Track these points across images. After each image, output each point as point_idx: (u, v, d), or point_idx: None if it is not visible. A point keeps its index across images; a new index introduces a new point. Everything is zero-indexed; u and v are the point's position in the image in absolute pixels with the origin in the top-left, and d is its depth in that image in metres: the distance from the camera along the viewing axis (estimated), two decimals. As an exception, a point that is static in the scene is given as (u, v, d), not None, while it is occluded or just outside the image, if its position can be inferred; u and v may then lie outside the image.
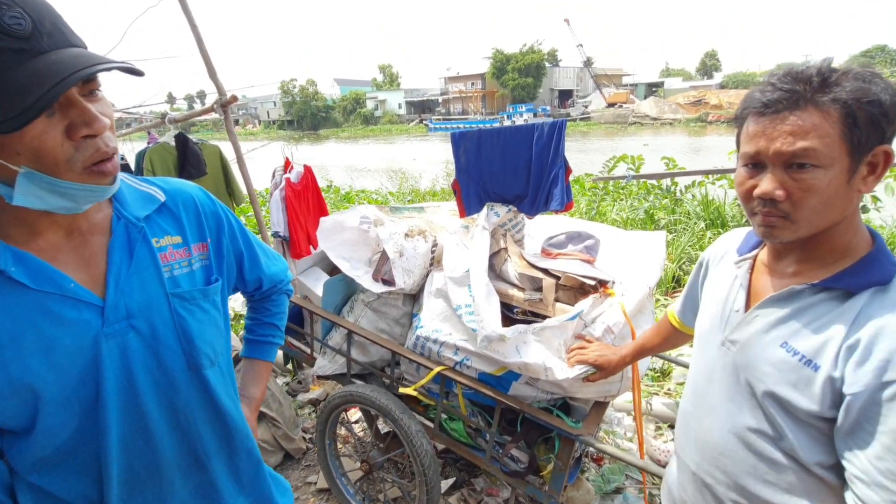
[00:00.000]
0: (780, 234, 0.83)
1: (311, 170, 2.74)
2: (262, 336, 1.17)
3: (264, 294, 1.17)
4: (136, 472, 0.84)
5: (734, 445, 0.91)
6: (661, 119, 43.63)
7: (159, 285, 0.84)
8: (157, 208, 0.88)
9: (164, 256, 0.86)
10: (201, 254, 0.93)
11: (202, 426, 0.91)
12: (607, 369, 1.52)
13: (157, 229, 0.87)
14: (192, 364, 0.87)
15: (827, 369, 0.78)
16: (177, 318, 0.85)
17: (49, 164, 0.65)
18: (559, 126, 1.85)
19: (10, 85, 0.59)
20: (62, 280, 0.75)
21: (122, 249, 0.81)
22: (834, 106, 0.74)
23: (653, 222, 5.89)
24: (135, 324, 0.80)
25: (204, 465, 0.92)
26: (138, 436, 0.83)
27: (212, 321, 0.92)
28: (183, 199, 0.93)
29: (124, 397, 0.80)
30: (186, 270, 0.89)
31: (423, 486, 1.87)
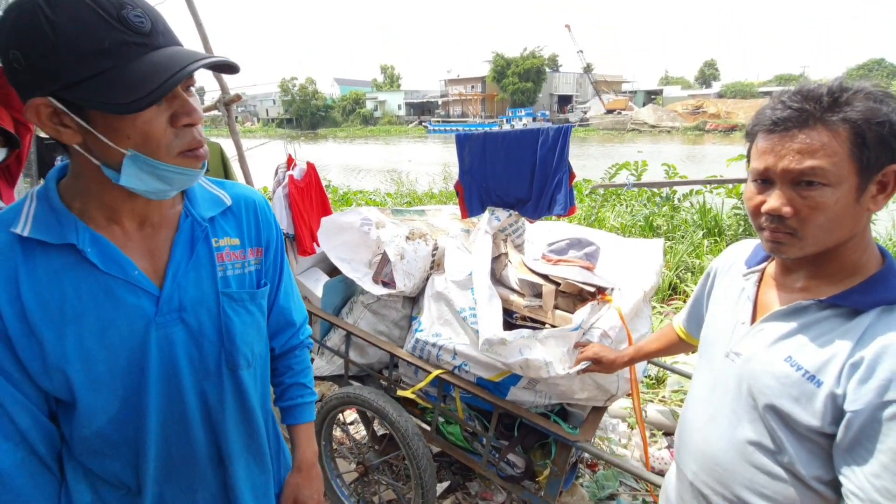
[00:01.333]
0: (787, 250, 0.83)
1: (315, 167, 2.73)
2: (292, 400, 1.12)
3: (286, 348, 1.12)
4: (173, 459, 0.88)
5: (733, 456, 0.91)
6: (659, 126, 43.86)
7: (212, 283, 0.88)
8: (222, 211, 0.93)
9: (221, 256, 0.90)
10: (256, 258, 0.97)
11: (231, 425, 0.93)
12: (604, 363, 1.52)
13: (219, 230, 0.92)
14: (230, 362, 0.90)
15: (830, 385, 0.78)
16: (223, 316, 0.89)
17: (153, 147, 0.71)
18: (564, 131, 1.86)
19: (133, 73, 0.66)
20: (128, 266, 0.79)
21: (184, 245, 0.86)
22: (843, 125, 0.75)
23: (652, 230, 5.91)
24: (184, 317, 0.84)
25: (226, 465, 0.95)
26: (178, 425, 0.87)
27: (255, 324, 0.95)
28: (247, 203, 0.97)
29: (167, 385, 0.84)
30: (239, 272, 0.93)
31: (418, 488, 1.87)
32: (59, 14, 0.62)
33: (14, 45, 0.64)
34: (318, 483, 1.14)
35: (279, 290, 1.06)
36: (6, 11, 0.65)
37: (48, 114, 0.68)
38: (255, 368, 0.96)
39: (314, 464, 1.13)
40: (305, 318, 1.16)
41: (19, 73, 0.66)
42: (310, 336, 1.18)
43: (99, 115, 0.68)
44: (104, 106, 0.66)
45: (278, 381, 1.13)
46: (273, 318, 1.07)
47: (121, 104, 0.66)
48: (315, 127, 65.73)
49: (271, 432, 1.07)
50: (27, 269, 0.73)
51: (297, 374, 1.13)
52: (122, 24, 0.65)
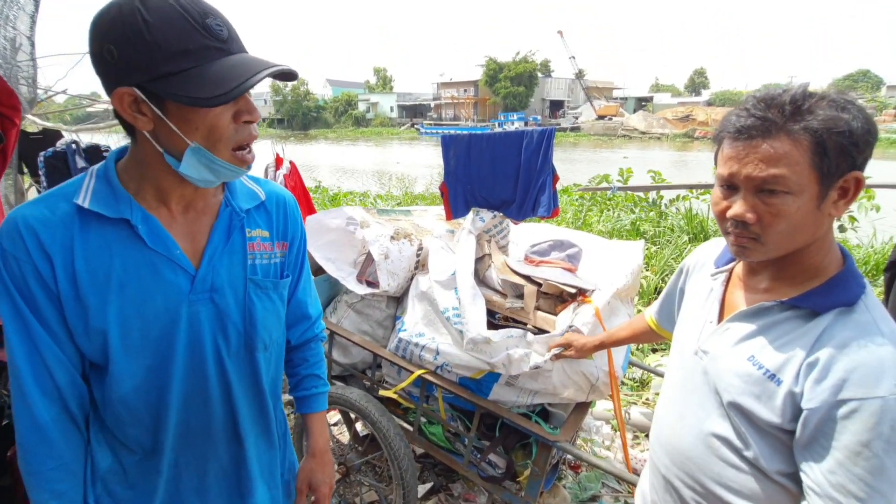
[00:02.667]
0: (750, 254, 0.86)
1: (296, 166, 2.73)
2: (306, 390, 1.19)
3: (302, 340, 1.18)
4: (190, 428, 0.95)
5: (701, 451, 0.94)
6: (649, 133, 44.35)
7: (242, 269, 0.95)
8: (257, 205, 1.01)
9: (252, 246, 0.98)
10: (282, 251, 1.04)
11: (244, 403, 0.99)
12: (576, 346, 1.57)
13: (252, 222, 0.99)
14: (249, 344, 0.97)
15: (788, 384, 0.80)
16: (248, 300, 0.96)
17: (215, 139, 0.79)
18: (548, 134, 1.88)
19: (213, 73, 0.75)
20: (172, 245, 0.87)
21: (222, 232, 0.94)
22: (805, 135, 0.76)
23: (638, 234, 5.97)
24: (214, 297, 0.91)
25: (242, 441, 1.00)
26: (198, 397, 0.93)
27: (275, 311, 1.02)
28: (278, 200, 1.05)
29: (192, 359, 0.91)
30: (266, 262, 1.00)
31: (399, 489, 1.87)
32: (154, 17, 0.71)
33: (110, 40, 0.72)
34: (330, 468, 1.20)
35: (299, 284, 1.13)
36: (105, 10, 0.73)
37: (130, 101, 0.76)
38: (270, 353, 1.03)
39: (326, 450, 1.20)
40: (320, 313, 1.23)
41: (109, 65, 0.74)
42: (323, 330, 1.23)
43: (174, 108, 0.76)
44: (185, 99, 0.74)
45: (294, 371, 1.20)
46: (291, 310, 1.13)
47: (202, 98, 0.74)
48: (306, 128, 65.45)
49: (280, 415, 1.13)
50: (82, 237, 0.81)
51: (312, 366, 1.20)
52: (206, 31, 0.75)
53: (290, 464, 1.19)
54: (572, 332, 1.66)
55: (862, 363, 0.75)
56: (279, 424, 1.12)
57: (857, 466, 0.73)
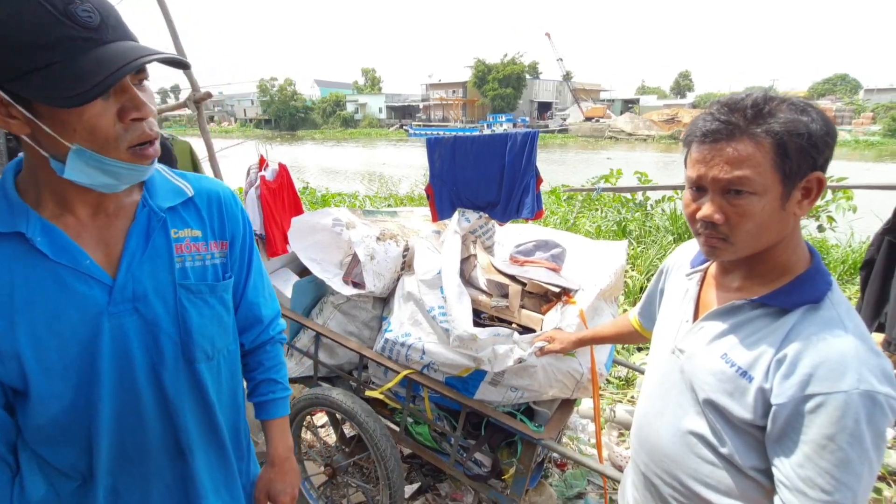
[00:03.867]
0: (721, 254, 0.89)
1: (287, 168, 2.72)
2: (262, 395, 1.12)
3: (256, 343, 1.11)
4: (126, 450, 0.89)
5: (679, 448, 0.96)
6: (635, 135, 44.82)
7: (169, 274, 0.88)
8: (183, 201, 0.93)
9: (180, 248, 0.90)
10: (220, 251, 0.97)
11: (189, 417, 0.93)
12: (558, 340, 1.60)
13: (179, 221, 0.91)
14: (187, 355, 0.91)
15: (759, 381, 0.83)
16: (180, 307, 0.89)
17: (101, 141, 0.72)
18: (531, 137, 1.90)
19: (78, 67, 0.67)
20: (79, 256, 0.80)
21: (140, 235, 0.86)
22: (766, 137, 0.79)
23: (625, 234, 6.04)
24: (139, 307, 0.85)
25: (185, 457, 0.94)
26: (132, 415, 0.87)
27: (215, 317, 0.95)
28: (210, 196, 0.97)
29: (121, 376, 0.84)
30: (199, 264, 0.93)
31: (386, 489, 1.87)
32: (4, 8, 0.64)
33: None
34: (291, 477, 1.14)
35: (247, 285, 1.06)
36: None
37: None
38: (217, 362, 0.96)
39: (287, 458, 1.14)
40: (277, 314, 1.16)
41: None
42: (282, 331, 1.17)
43: (45, 108, 0.69)
44: (47, 99, 0.67)
45: (249, 376, 1.13)
46: (241, 313, 1.06)
47: (63, 97, 0.67)
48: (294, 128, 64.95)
49: (239, 426, 1.06)
50: None
51: (268, 370, 1.13)
52: (69, 19, 0.66)
53: (254, 476, 1.14)
54: (556, 329, 1.68)
55: (827, 358, 0.77)
56: (241, 435, 1.07)
57: (823, 460, 0.76)
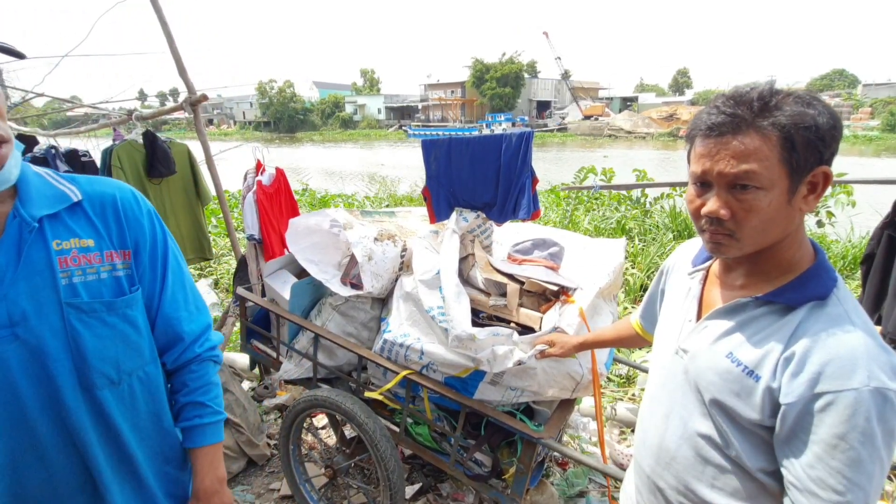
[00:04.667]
0: (726, 250, 0.86)
1: (284, 172, 2.72)
2: (187, 420, 1.00)
3: (179, 363, 0.99)
4: (27, 492, 0.79)
5: (685, 451, 0.94)
6: (635, 132, 44.79)
7: (52, 292, 0.78)
8: (68, 207, 0.82)
9: (65, 261, 0.79)
10: (123, 262, 0.86)
11: (97, 450, 0.83)
12: (558, 344, 1.60)
13: (63, 230, 0.81)
14: (84, 382, 0.80)
15: (766, 380, 0.81)
16: (70, 330, 0.78)
17: None
18: (526, 137, 1.90)
19: None
20: None
21: (9, 250, 0.75)
22: (773, 131, 0.77)
23: (624, 232, 6.04)
24: (19, 332, 0.74)
25: (101, 491, 0.85)
26: (29, 454, 0.78)
27: (118, 337, 0.84)
28: (104, 201, 0.86)
29: (8, 411, 0.75)
30: (93, 278, 0.82)
31: (386, 490, 1.87)
32: None
33: None
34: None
35: (162, 298, 0.94)
36: None
37: None
38: (128, 386, 0.86)
39: (216, 492, 1.00)
40: (205, 328, 1.03)
41: None
42: (212, 348, 1.04)
43: None
44: None
45: (174, 399, 1.02)
46: (159, 330, 0.95)
47: None
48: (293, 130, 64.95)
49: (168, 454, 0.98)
50: None
51: (193, 392, 1.00)
52: None
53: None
54: (557, 332, 1.67)
55: (836, 356, 0.75)
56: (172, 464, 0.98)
57: (834, 459, 0.74)
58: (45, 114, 5.13)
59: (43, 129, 3.54)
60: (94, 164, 2.94)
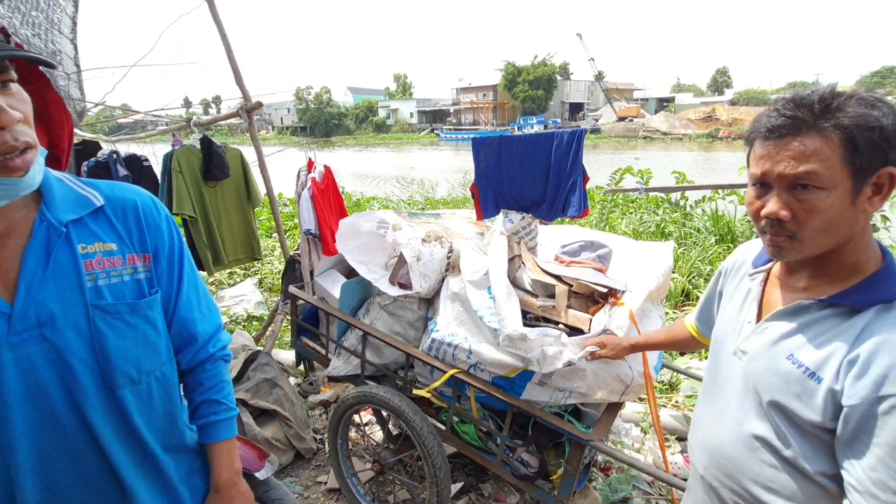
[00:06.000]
0: (787, 253, 0.87)
1: (331, 170, 2.80)
2: (203, 418, 1.03)
3: (193, 363, 1.02)
4: (60, 489, 0.81)
5: (741, 451, 0.94)
6: (671, 134, 43.63)
7: (78, 294, 0.80)
8: (91, 212, 0.85)
9: (90, 264, 0.82)
10: (144, 265, 0.89)
11: (117, 447, 0.86)
12: (609, 346, 1.60)
13: (88, 235, 0.83)
14: (107, 382, 0.82)
15: (829, 382, 0.81)
16: (94, 331, 0.80)
17: None
18: (578, 135, 1.90)
19: None
20: None
21: (38, 254, 0.77)
22: (835, 131, 0.77)
23: (663, 236, 5.90)
24: (46, 334, 0.76)
25: (125, 490, 0.88)
26: (62, 450, 0.80)
27: (139, 337, 0.87)
28: (125, 206, 0.88)
29: (37, 410, 0.77)
30: (116, 281, 0.85)
31: (433, 487, 1.90)
32: None
33: None
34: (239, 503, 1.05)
35: (178, 300, 0.97)
36: None
37: None
38: (145, 386, 0.89)
39: (233, 484, 1.04)
40: (217, 329, 1.06)
41: None
42: (224, 347, 1.08)
43: None
44: None
45: (189, 398, 1.05)
46: (175, 331, 0.98)
47: None
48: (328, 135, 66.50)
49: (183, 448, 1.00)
50: None
51: (208, 391, 1.04)
52: None
53: None
54: (607, 334, 1.67)
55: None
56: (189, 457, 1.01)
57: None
58: (100, 121, 5.45)
59: (105, 136, 3.77)
60: (152, 169, 3.11)
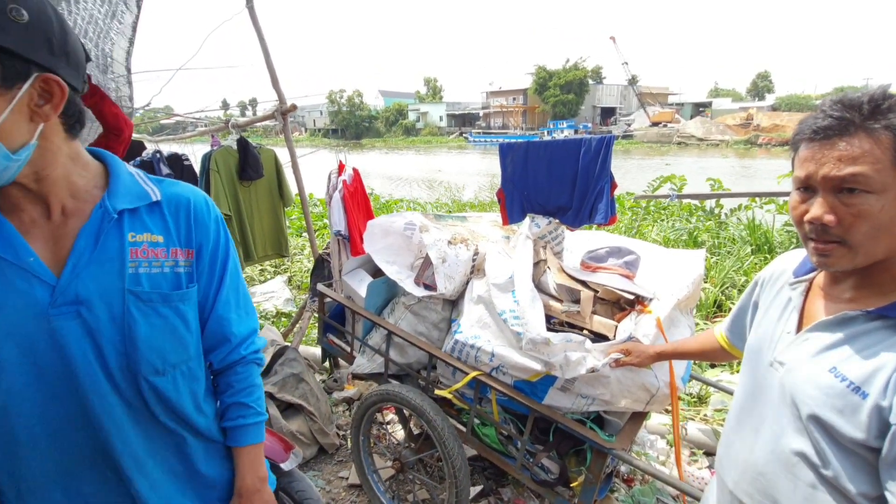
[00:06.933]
0: (835, 262, 0.82)
1: (359, 172, 2.86)
2: (231, 420, 1.04)
3: (224, 364, 1.04)
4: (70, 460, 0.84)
5: (775, 467, 0.90)
6: (707, 140, 42.38)
7: (118, 279, 0.84)
8: (148, 205, 0.90)
9: (136, 252, 0.87)
10: (185, 260, 0.93)
11: (133, 434, 0.88)
12: (636, 353, 1.57)
13: (139, 225, 0.89)
14: (132, 367, 0.85)
15: (875, 397, 0.76)
16: (127, 315, 0.84)
17: None
18: (607, 141, 1.89)
19: None
20: (24, 252, 0.79)
21: (89, 236, 0.83)
22: (885, 133, 0.74)
23: (696, 244, 5.75)
24: (82, 311, 0.81)
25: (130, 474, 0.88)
26: (71, 425, 0.83)
27: (168, 328, 0.90)
28: (179, 203, 0.94)
29: (59, 381, 0.81)
30: (157, 271, 0.89)
31: (452, 488, 1.91)
32: None
33: None
34: None
35: (217, 298, 0.99)
36: None
37: None
38: (173, 377, 0.91)
39: (257, 490, 1.05)
40: (252, 332, 1.07)
41: None
42: (256, 351, 1.08)
43: None
44: None
45: (219, 399, 1.06)
46: (209, 329, 1.00)
47: None
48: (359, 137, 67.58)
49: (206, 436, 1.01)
50: None
51: (238, 393, 1.04)
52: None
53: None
54: (633, 342, 1.65)
55: None
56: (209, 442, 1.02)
57: None
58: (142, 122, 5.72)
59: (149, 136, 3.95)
60: (192, 167, 3.25)
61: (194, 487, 0.99)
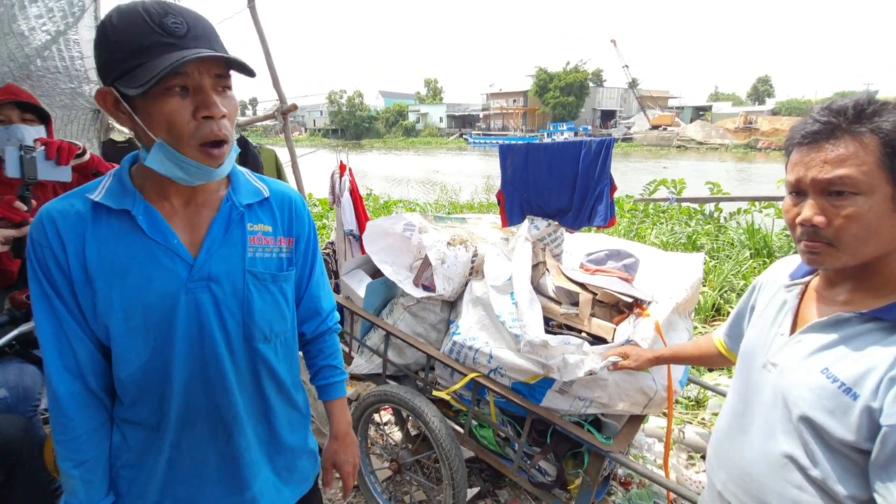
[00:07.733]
0: (824, 260, 0.84)
1: (352, 172, 2.85)
2: (325, 379, 1.25)
3: (316, 333, 1.23)
4: (192, 410, 0.98)
5: (764, 469, 0.91)
6: (707, 143, 42.49)
7: (241, 261, 1.00)
8: (259, 201, 1.06)
9: (253, 239, 1.02)
10: (287, 247, 1.09)
11: (240, 390, 1.02)
12: (634, 356, 1.57)
13: (254, 217, 1.04)
14: (248, 334, 1.01)
15: (866, 399, 0.77)
16: (246, 291, 1.00)
17: (176, 134, 0.84)
18: (607, 144, 1.89)
19: (154, 66, 0.79)
20: (170, 235, 0.93)
21: (221, 225, 0.98)
22: (871, 136, 0.77)
23: (695, 248, 5.75)
24: (212, 286, 0.95)
25: (240, 426, 1.02)
26: (198, 380, 0.97)
27: (275, 303, 1.05)
28: (283, 198, 1.10)
29: (192, 344, 0.95)
30: (268, 255, 1.04)
31: (449, 490, 1.91)
32: (118, 20, 0.80)
33: (95, 45, 0.84)
34: (353, 449, 1.27)
35: (311, 280, 1.17)
36: None
37: (111, 101, 0.84)
38: (274, 344, 1.06)
39: (348, 433, 1.26)
40: (334, 307, 1.27)
41: (97, 68, 0.84)
42: (338, 322, 1.28)
43: (140, 103, 0.82)
44: (130, 91, 0.81)
45: (312, 363, 1.26)
46: (304, 305, 1.18)
47: (136, 86, 0.79)
48: (359, 137, 67.58)
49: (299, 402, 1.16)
50: (93, 228, 0.89)
51: (328, 357, 1.25)
52: (162, 28, 0.80)
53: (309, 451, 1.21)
54: (631, 345, 1.65)
55: None
56: (295, 412, 1.15)
57: None
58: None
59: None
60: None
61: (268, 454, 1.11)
